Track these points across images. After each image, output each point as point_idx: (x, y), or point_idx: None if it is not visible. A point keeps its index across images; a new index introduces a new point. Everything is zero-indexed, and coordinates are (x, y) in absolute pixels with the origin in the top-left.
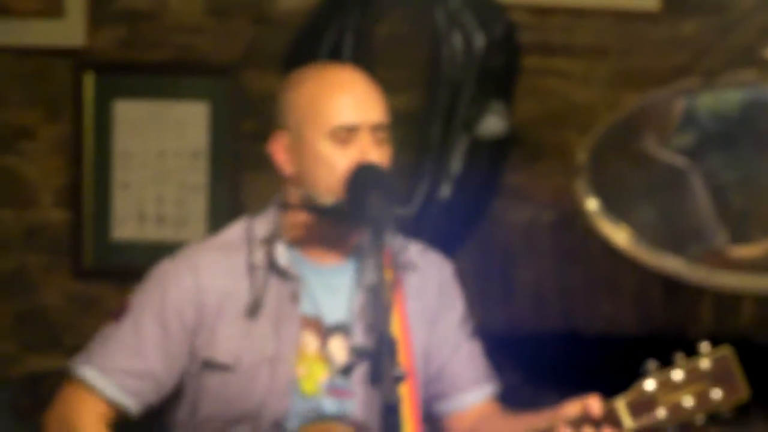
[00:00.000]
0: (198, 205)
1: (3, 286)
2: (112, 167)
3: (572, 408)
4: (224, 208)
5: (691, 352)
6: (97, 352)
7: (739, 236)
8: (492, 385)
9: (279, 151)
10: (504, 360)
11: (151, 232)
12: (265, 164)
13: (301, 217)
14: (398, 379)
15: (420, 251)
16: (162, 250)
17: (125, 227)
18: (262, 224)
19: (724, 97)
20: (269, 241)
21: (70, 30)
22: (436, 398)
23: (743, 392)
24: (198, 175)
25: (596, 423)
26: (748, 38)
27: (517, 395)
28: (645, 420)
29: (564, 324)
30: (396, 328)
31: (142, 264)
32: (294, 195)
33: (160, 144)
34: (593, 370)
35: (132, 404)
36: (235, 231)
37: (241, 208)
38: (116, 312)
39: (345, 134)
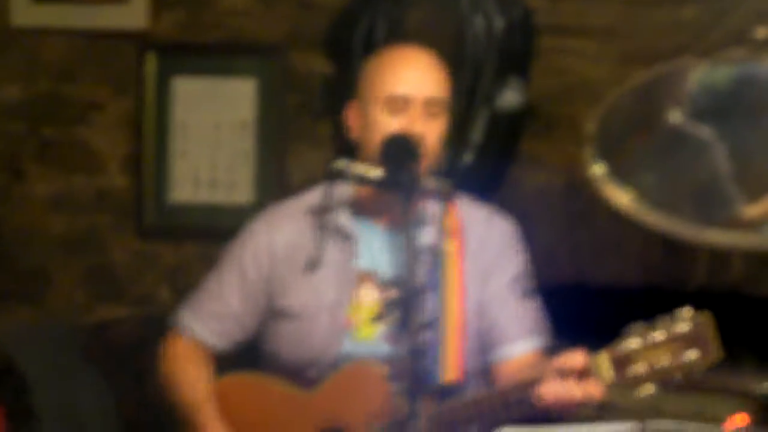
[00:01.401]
0: (246, 171)
1: (75, 244)
2: (171, 137)
3: (560, 360)
4: (270, 173)
5: (686, 303)
6: (192, 299)
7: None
8: (539, 340)
9: (350, 117)
10: None
11: (205, 195)
12: (306, 134)
13: (359, 187)
14: (424, 325)
15: (486, 214)
16: (214, 212)
17: (182, 191)
18: (341, 190)
19: (717, 74)
20: (336, 206)
21: (134, 15)
22: (487, 348)
23: (716, 354)
24: (247, 144)
25: (580, 374)
26: (740, 21)
27: None
28: (624, 374)
29: (574, 277)
30: (451, 282)
31: (196, 223)
32: (345, 166)
33: (213, 116)
34: (599, 318)
35: (218, 342)
36: (314, 195)
37: (285, 174)
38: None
39: (399, 104)
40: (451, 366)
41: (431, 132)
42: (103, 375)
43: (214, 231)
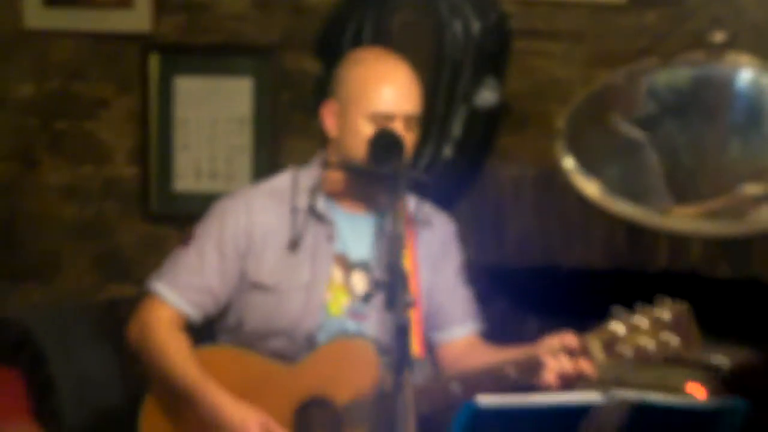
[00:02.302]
0: (243, 162)
1: (85, 229)
2: (174, 132)
3: (552, 341)
4: (265, 165)
5: (649, 286)
6: (167, 271)
7: (689, 194)
8: (477, 323)
9: (328, 116)
10: (494, 290)
11: (205, 185)
12: (298, 130)
13: (338, 174)
14: (408, 305)
15: (431, 211)
16: (214, 199)
17: (184, 181)
18: (306, 176)
19: (676, 75)
20: (312, 191)
21: (138, 18)
22: (433, 329)
23: (697, 342)
24: (243, 138)
25: (572, 354)
26: (697, 26)
27: (505, 319)
28: (613, 356)
29: (544, 261)
30: (407, 268)
31: (198, 211)
32: (334, 155)
33: (212, 113)
34: (567, 298)
35: (193, 313)
36: (283, 179)
37: (278, 165)
38: (185, 239)
39: (382, 119)
40: (415, 343)
41: (408, 141)
42: (113, 348)
43: None
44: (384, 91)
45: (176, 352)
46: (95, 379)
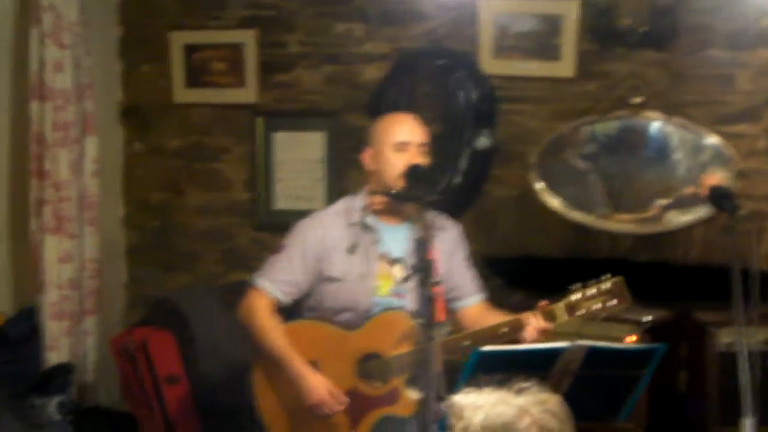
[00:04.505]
0: (320, 189)
1: (215, 236)
2: (273, 169)
3: (539, 305)
4: (334, 190)
5: (594, 268)
6: (267, 271)
7: (621, 205)
8: (484, 294)
9: (366, 157)
10: (489, 273)
11: (294, 205)
12: (358, 166)
13: (379, 198)
14: (434, 284)
15: (444, 219)
16: (300, 215)
17: (280, 202)
18: (358, 201)
19: (609, 125)
20: (362, 210)
21: (248, 93)
22: (453, 300)
23: (629, 302)
24: (319, 173)
25: (544, 316)
26: (623, 93)
27: (496, 293)
28: (571, 316)
29: (523, 252)
30: (432, 259)
31: (289, 222)
32: (374, 185)
33: (298, 155)
34: (540, 278)
35: (284, 299)
36: (342, 204)
37: (344, 190)
38: (277, 248)
39: (402, 146)
40: (439, 310)
41: (423, 162)
42: (234, 317)
43: None
44: (400, 128)
45: (272, 330)
46: (222, 339)
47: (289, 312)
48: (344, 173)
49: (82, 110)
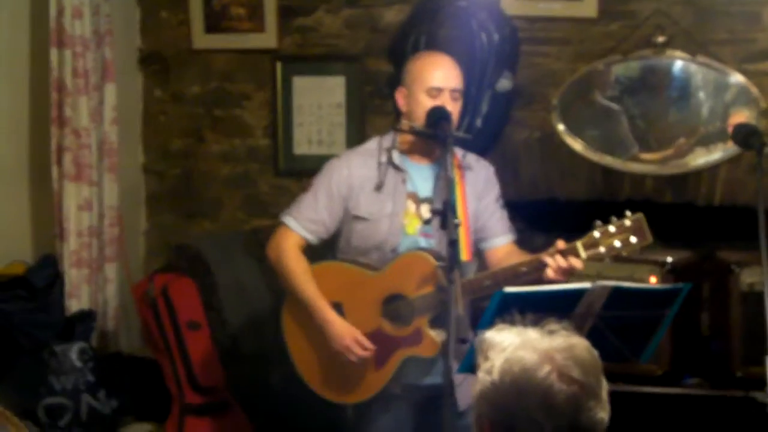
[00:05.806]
0: (340, 134)
1: (236, 182)
2: (293, 114)
3: (550, 249)
4: (354, 136)
5: (618, 209)
6: (294, 209)
7: (644, 146)
8: (512, 235)
9: (399, 97)
10: (513, 215)
11: (314, 150)
12: (375, 111)
13: (407, 137)
14: (456, 225)
15: (475, 158)
16: (320, 160)
17: (300, 147)
18: (386, 140)
19: (631, 65)
20: (390, 150)
21: (268, 39)
22: (481, 240)
23: (649, 239)
24: (339, 117)
25: (563, 254)
26: (646, 32)
27: (521, 235)
28: (592, 253)
29: (546, 194)
30: (459, 199)
31: (310, 167)
32: (405, 124)
33: (318, 100)
34: (563, 219)
35: (310, 238)
36: (371, 143)
37: (364, 135)
38: (306, 187)
39: (435, 92)
40: (465, 251)
41: (454, 109)
42: (256, 261)
43: None
44: (435, 72)
45: (301, 273)
46: (246, 284)
47: (319, 254)
48: (364, 117)
49: (102, 57)
